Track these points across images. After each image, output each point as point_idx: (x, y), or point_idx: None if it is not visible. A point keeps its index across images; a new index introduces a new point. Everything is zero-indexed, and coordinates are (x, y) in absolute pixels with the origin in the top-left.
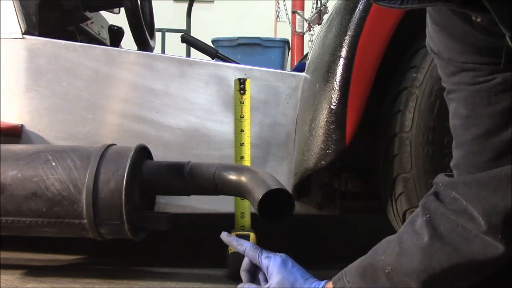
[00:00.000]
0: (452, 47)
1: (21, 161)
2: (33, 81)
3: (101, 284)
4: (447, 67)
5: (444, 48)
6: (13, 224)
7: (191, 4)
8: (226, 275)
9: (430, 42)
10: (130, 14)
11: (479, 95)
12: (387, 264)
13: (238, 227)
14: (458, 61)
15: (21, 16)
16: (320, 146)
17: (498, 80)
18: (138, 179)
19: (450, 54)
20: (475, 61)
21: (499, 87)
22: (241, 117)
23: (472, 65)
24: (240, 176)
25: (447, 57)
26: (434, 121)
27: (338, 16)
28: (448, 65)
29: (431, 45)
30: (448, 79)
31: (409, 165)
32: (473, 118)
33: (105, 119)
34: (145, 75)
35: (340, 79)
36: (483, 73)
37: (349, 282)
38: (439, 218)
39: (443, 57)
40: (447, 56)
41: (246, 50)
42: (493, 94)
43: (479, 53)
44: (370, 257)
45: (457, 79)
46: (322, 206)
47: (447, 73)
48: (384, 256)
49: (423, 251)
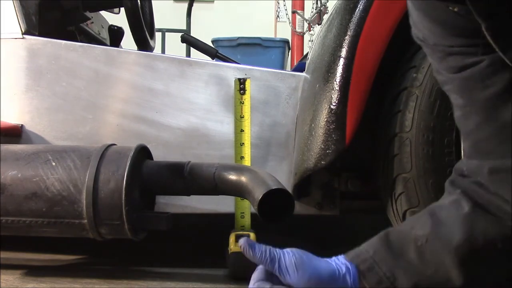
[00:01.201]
0: (436, 31)
1: (21, 161)
2: (33, 81)
3: (101, 284)
4: (433, 53)
5: (429, 34)
6: (13, 224)
7: (191, 4)
8: (226, 275)
9: (415, 30)
10: (130, 14)
11: (471, 81)
12: (420, 237)
13: (238, 227)
14: (444, 45)
15: (21, 16)
16: (320, 146)
17: (487, 62)
18: (138, 179)
19: (435, 39)
20: (460, 43)
21: (489, 69)
22: (241, 117)
23: (458, 48)
24: (240, 176)
25: (433, 42)
26: (434, 121)
27: (338, 16)
28: (434, 51)
29: (417, 33)
30: (438, 65)
31: (409, 165)
32: (471, 106)
33: (105, 119)
34: (145, 75)
35: (340, 79)
36: (470, 55)
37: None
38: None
39: (429, 43)
40: (432, 41)
41: (246, 50)
42: (485, 77)
43: (463, 35)
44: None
45: (445, 65)
46: (322, 206)
47: (435, 59)
48: (415, 229)
49: (465, 220)
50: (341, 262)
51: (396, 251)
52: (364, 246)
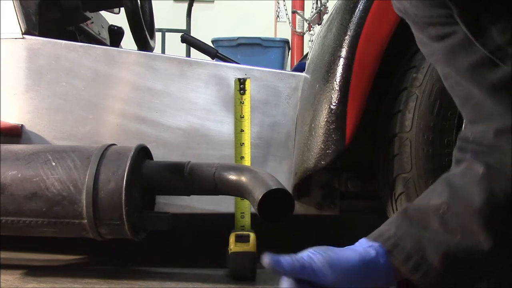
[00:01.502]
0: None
1: (21, 161)
2: (33, 81)
3: (101, 284)
4: (415, 23)
5: (408, 6)
6: (13, 224)
7: (191, 4)
8: (226, 275)
9: (397, 4)
10: (130, 14)
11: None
12: (440, 205)
13: (238, 227)
14: (424, 15)
15: (21, 16)
16: (320, 146)
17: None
18: (138, 179)
19: (416, 10)
20: (438, 14)
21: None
22: (241, 117)
23: (437, 19)
24: (240, 176)
25: (413, 13)
26: (434, 121)
27: (338, 16)
28: (415, 22)
29: (398, 6)
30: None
31: (409, 165)
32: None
33: (105, 119)
34: (145, 75)
35: (340, 79)
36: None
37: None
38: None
39: (410, 13)
40: (413, 12)
41: (246, 50)
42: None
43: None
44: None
45: (427, 34)
46: (322, 206)
47: (417, 29)
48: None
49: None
50: (366, 245)
51: (419, 224)
52: (385, 225)
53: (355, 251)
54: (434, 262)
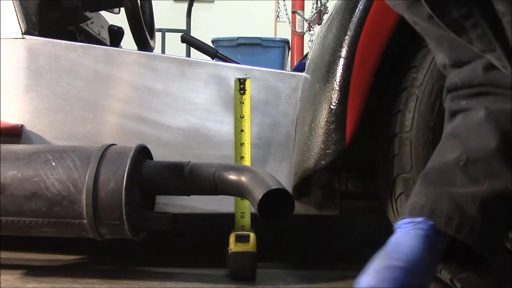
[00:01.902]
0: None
1: (21, 161)
2: (33, 81)
3: (101, 284)
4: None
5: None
6: (13, 224)
7: (191, 4)
8: (226, 275)
9: None
10: (130, 14)
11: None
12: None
13: (238, 227)
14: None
15: (21, 16)
16: (320, 146)
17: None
18: (138, 179)
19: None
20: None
21: None
22: (241, 117)
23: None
24: (240, 176)
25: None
26: (434, 121)
27: (338, 16)
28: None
29: None
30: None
31: (409, 165)
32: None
33: (105, 119)
34: (145, 75)
35: (340, 79)
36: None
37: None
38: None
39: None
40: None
41: (246, 50)
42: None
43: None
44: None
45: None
46: (322, 206)
47: (406, 4)
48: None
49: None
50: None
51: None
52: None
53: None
54: (475, 216)
